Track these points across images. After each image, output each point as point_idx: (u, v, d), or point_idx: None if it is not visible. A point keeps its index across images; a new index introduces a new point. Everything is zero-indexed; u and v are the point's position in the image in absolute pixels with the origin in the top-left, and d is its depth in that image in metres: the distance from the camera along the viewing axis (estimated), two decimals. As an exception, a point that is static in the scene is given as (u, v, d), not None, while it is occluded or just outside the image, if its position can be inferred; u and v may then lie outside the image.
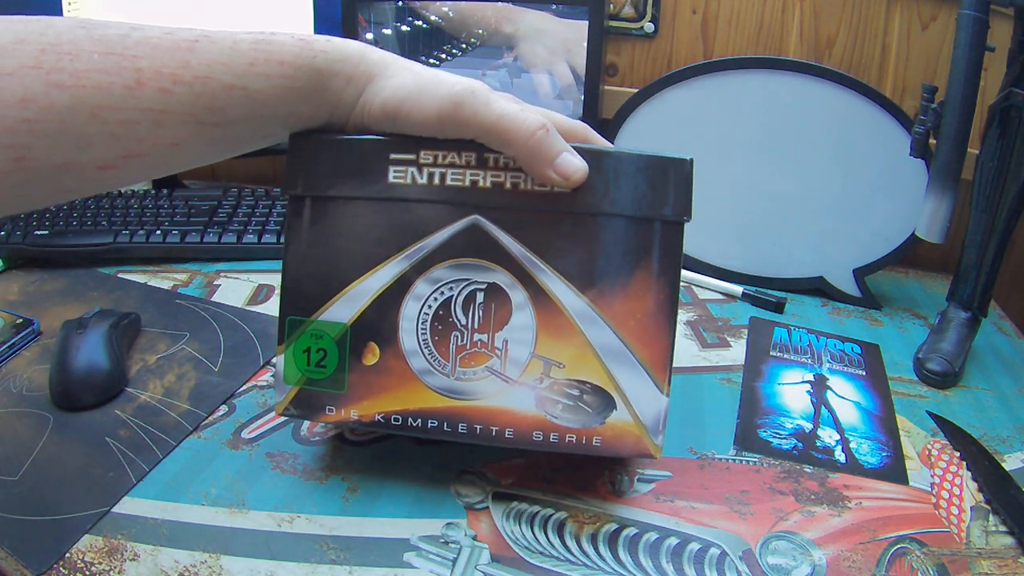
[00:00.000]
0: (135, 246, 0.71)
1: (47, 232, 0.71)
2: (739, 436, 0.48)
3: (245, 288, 0.66)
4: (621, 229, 0.37)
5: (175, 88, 0.31)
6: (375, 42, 0.76)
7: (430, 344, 0.39)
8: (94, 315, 0.54)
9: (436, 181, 0.37)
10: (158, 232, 0.71)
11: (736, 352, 0.59)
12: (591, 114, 0.74)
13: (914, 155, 0.59)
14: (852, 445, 0.48)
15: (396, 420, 0.40)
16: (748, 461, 0.46)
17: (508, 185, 0.37)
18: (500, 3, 0.73)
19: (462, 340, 0.39)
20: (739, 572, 0.38)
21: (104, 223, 0.72)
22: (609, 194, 0.37)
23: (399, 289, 0.39)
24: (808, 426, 0.50)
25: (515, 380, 0.39)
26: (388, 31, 0.76)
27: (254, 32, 0.34)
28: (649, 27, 0.78)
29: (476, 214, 0.38)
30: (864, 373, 0.56)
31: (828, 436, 0.49)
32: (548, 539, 0.39)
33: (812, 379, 0.55)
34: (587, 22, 0.71)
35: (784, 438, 0.48)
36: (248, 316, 0.61)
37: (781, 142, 0.66)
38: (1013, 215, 0.54)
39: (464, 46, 0.76)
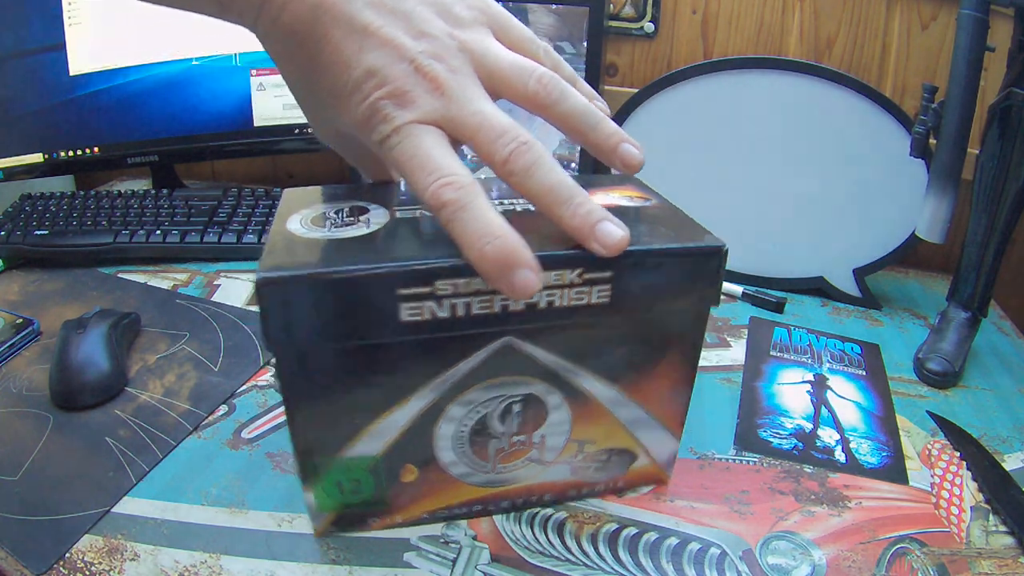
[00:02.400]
0: (135, 246, 0.71)
1: (47, 232, 0.71)
2: (739, 436, 0.48)
3: (245, 288, 0.66)
4: (652, 324, 0.36)
5: None
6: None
7: (469, 454, 0.37)
8: (94, 315, 0.54)
9: (460, 312, 0.32)
10: (158, 232, 0.71)
11: (736, 352, 0.59)
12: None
13: (914, 155, 0.59)
14: (852, 445, 0.48)
15: (441, 513, 0.40)
16: (748, 461, 0.46)
17: (543, 305, 0.32)
18: (499, 3, 0.73)
19: (501, 443, 0.38)
20: (739, 572, 0.38)
21: (104, 223, 0.72)
22: (643, 295, 0.34)
23: (430, 417, 0.35)
24: (808, 426, 0.50)
25: (552, 461, 0.39)
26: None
27: None
28: (649, 27, 0.78)
29: (509, 336, 0.34)
30: (864, 373, 0.56)
31: (828, 436, 0.49)
32: (548, 539, 0.39)
33: (812, 379, 0.55)
34: (587, 22, 0.71)
35: (784, 438, 0.48)
36: (248, 316, 0.61)
37: (781, 142, 0.66)
38: (1013, 215, 0.54)
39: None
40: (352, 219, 0.34)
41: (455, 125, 0.30)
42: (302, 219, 0.34)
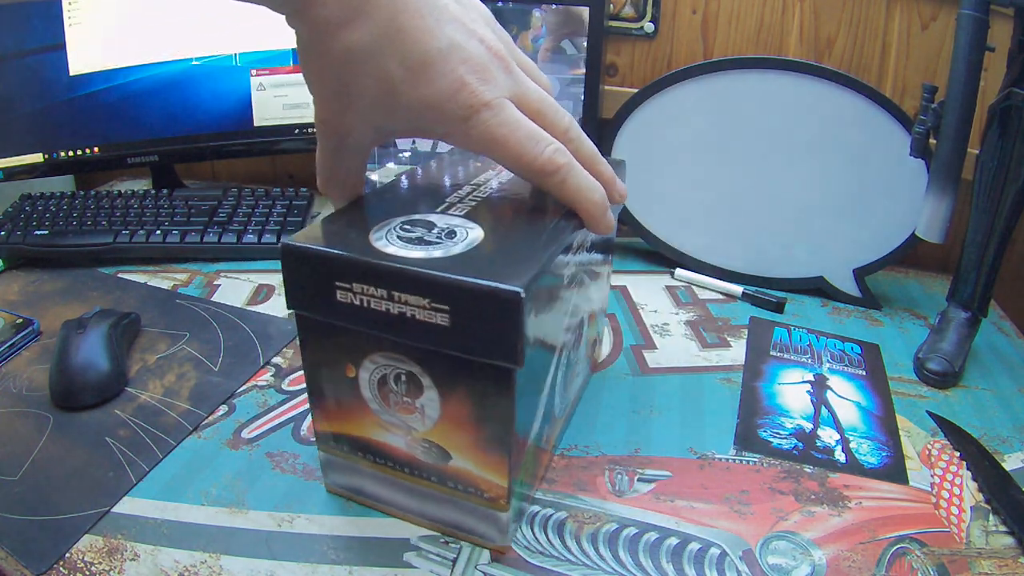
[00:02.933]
0: (135, 246, 0.71)
1: (47, 232, 0.71)
2: (739, 436, 0.48)
3: (245, 288, 0.66)
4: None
5: None
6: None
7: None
8: (94, 315, 0.54)
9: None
10: (158, 232, 0.71)
11: (736, 352, 0.59)
12: (591, 114, 0.74)
13: (914, 155, 0.59)
14: (852, 445, 0.48)
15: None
16: (748, 461, 0.46)
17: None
18: (500, 3, 0.73)
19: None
20: (739, 572, 0.38)
21: (104, 223, 0.72)
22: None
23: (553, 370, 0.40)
24: (808, 426, 0.50)
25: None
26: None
27: None
28: (649, 27, 0.78)
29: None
30: (864, 373, 0.56)
31: (828, 436, 0.49)
32: (548, 539, 0.39)
33: (812, 379, 0.55)
34: (587, 22, 0.71)
35: (784, 438, 0.48)
36: (248, 316, 0.61)
37: (781, 142, 0.66)
38: (1013, 215, 0.54)
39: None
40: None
41: (524, 101, 0.33)
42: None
